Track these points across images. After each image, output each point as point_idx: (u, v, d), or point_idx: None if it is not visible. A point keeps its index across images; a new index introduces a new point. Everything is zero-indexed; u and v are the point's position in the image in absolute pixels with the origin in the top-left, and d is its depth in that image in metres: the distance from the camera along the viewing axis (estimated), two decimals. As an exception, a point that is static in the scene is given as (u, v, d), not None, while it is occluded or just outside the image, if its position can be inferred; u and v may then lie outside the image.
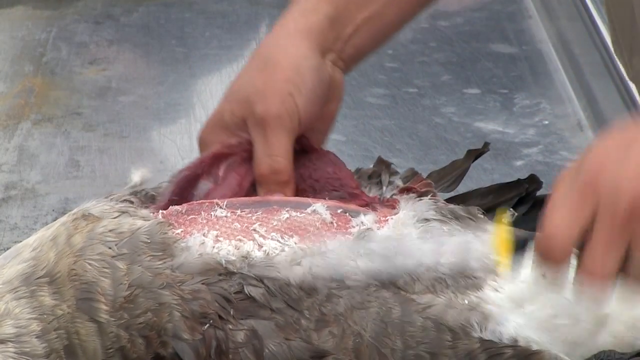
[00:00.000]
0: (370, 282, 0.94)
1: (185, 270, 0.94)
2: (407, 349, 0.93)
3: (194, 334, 0.92)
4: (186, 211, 0.99)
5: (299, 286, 0.93)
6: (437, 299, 0.94)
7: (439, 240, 0.97)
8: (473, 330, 0.93)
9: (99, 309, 0.94)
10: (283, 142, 1.04)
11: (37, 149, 1.73)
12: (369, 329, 0.93)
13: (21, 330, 0.95)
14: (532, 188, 1.10)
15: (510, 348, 0.93)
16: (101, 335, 0.94)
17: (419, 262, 0.95)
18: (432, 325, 0.93)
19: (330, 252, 0.95)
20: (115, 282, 0.94)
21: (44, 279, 0.96)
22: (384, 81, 1.88)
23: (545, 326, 0.95)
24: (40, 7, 2.18)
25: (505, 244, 0.88)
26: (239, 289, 0.93)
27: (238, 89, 1.06)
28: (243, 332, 0.92)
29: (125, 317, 0.93)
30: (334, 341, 0.92)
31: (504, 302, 0.95)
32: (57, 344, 0.95)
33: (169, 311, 0.92)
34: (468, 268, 0.96)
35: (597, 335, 0.95)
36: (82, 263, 0.95)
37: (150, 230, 0.96)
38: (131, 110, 1.84)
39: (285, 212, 0.99)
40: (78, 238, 0.97)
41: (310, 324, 0.93)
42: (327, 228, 0.98)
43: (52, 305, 0.95)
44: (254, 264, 0.94)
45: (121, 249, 0.95)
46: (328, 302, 0.93)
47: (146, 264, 0.94)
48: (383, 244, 0.95)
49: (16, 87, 1.91)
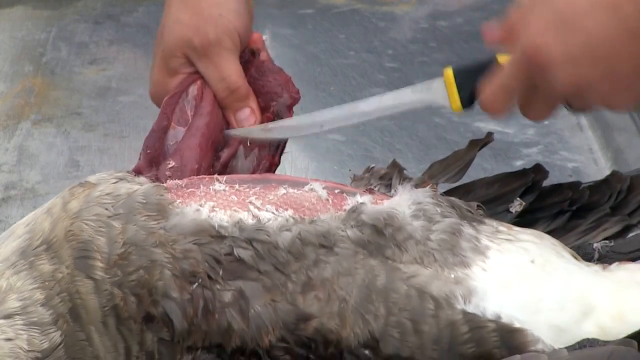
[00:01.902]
0: (359, 250, 0.95)
1: (178, 231, 0.95)
2: (389, 316, 0.94)
3: (183, 293, 0.94)
4: (186, 185, 1.01)
5: (287, 250, 0.95)
6: (423, 270, 0.95)
7: (430, 218, 0.98)
8: (457, 302, 0.94)
9: (95, 266, 0.95)
10: (230, 61, 1.09)
11: (37, 149, 1.73)
12: (354, 294, 0.94)
13: (26, 301, 0.96)
14: (538, 178, 1.11)
15: (493, 322, 0.94)
16: (98, 293, 0.95)
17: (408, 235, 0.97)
18: (415, 294, 0.94)
19: (321, 221, 0.97)
20: (110, 240, 0.95)
21: (41, 248, 0.98)
22: (384, 81, 1.88)
23: (530, 308, 0.96)
24: (40, 7, 2.18)
25: (452, 87, 1.01)
26: (229, 251, 0.95)
27: (170, 33, 1.10)
28: (230, 292, 0.94)
29: (119, 274, 0.95)
30: (319, 305, 0.94)
31: (490, 281, 0.96)
32: (62, 308, 0.96)
33: (160, 269, 0.94)
34: (458, 247, 0.97)
35: (582, 323, 0.96)
36: (79, 224, 0.97)
37: (147, 192, 0.98)
38: (131, 110, 1.84)
39: (282, 189, 1.01)
40: (74, 203, 0.98)
41: (297, 287, 0.94)
42: (322, 204, 1.00)
43: (52, 270, 0.97)
44: (245, 228, 0.96)
45: (117, 210, 0.97)
46: (315, 267, 0.95)
47: (141, 223, 0.96)
48: (374, 215, 0.97)
49: (16, 87, 1.91)
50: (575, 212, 1.10)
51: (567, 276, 0.98)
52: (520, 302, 0.96)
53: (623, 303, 0.97)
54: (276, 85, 1.10)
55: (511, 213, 1.10)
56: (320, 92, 1.85)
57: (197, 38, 1.08)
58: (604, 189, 1.10)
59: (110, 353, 0.96)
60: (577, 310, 0.96)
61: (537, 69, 0.93)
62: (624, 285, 0.98)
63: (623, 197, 1.10)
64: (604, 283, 0.98)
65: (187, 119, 1.08)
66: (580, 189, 1.11)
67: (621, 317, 0.96)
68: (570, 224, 1.09)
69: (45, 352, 0.95)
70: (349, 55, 2.00)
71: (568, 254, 1.01)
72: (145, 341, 0.95)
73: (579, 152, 1.67)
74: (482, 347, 0.93)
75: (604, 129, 1.72)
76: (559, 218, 1.10)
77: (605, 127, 1.72)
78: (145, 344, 0.95)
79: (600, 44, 0.90)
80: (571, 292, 0.97)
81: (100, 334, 0.95)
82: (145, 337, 0.95)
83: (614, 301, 0.97)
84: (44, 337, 0.96)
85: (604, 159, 1.65)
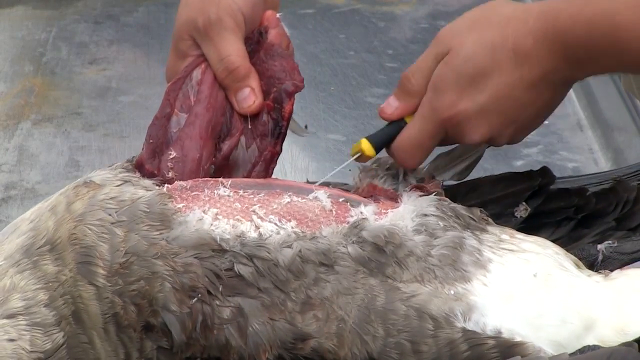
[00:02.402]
0: (359, 269, 0.95)
1: (180, 243, 0.95)
2: (388, 337, 0.93)
3: (182, 307, 0.93)
4: (190, 187, 1.00)
5: (287, 268, 0.94)
6: (423, 288, 0.95)
7: (432, 233, 0.98)
8: (456, 320, 0.94)
9: (97, 272, 0.95)
10: (230, 41, 1.06)
11: (37, 149, 1.73)
12: (353, 315, 0.93)
13: (29, 302, 0.96)
14: (545, 182, 1.10)
15: (493, 339, 0.93)
16: (99, 300, 0.95)
17: (409, 252, 0.96)
18: (414, 314, 0.94)
19: (322, 238, 0.96)
20: (112, 248, 0.95)
21: (45, 247, 0.97)
22: (384, 81, 1.88)
23: (531, 323, 0.95)
24: (40, 7, 2.18)
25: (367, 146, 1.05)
26: (230, 266, 0.94)
27: (179, 16, 1.09)
28: (229, 309, 0.93)
29: (120, 283, 0.94)
30: (318, 325, 0.93)
31: (491, 296, 0.96)
32: (65, 310, 0.96)
33: (161, 281, 0.94)
34: (459, 262, 0.97)
35: (583, 338, 0.95)
36: (82, 227, 0.96)
37: (150, 200, 0.97)
38: (131, 110, 1.84)
39: (287, 197, 1.00)
40: (79, 204, 0.98)
41: (296, 306, 0.94)
42: (325, 215, 0.99)
43: (56, 272, 0.96)
44: (247, 243, 0.95)
45: (120, 217, 0.96)
46: (315, 286, 0.94)
47: (143, 233, 0.95)
48: (375, 232, 0.96)
49: (16, 87, 1.91)
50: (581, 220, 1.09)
51: (569, 290, 0.97)
52: (521, 317, 0.95)
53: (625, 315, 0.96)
54: (280, 71, 1.07)
55: (516, 218, 1.10)
56: (320, 92, 1.85)
57: (200, 18, 1.06)
58: (611, 197, 1.10)
59: (111, 358, 0.96)
60: (579, 325, 0.96)
61: (451, 126, 1.03)
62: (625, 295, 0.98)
63: (629, 208, 1.09)
64: (605, 294, 0.97)
65: (190, 104, 1.06)
66: (587, 195, 1.10)
67: (623, 330, 0.96)
68: (575, 233, 1.09)
69: (48, 352, 0.95)
70: (349, 55, 2.00)
71: (571, 264, 1.00)
72: (145, 348, 0.95)
73: (579, 152, 1.67)
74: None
75: (604, 129, 1.72)
76: (563, 226, 1.10)
77: (605, 127, 1.72)
78: (145, 351, 0.95)
79: (505, 98, 1.02)
80: (573, 306, 0.96)
81: (102, 339, 0.95)
82: (145, 345, 0.95)
83: (615, 314, 0.96)
84: (46, 337, 0.96)
85: (604, 159, 1.65)
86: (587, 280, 0.99)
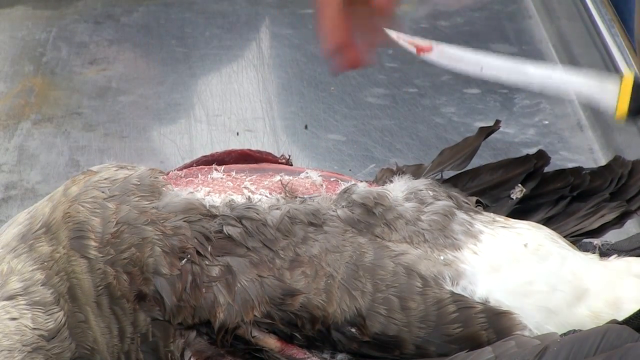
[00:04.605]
0: (348, 229, 0.96)
1: (170, 209, 0.98)
2: (376, 292, 0.95)
3: (172, 269, 0.96)
4: (185, 175, 1.05)
5: (276, 227, 0.96)
6: (412, 250, 0.96)
7: (422, 200, 0.99)
8: (445, 283, 0.95)
9: (89, 245, 0.97)
10: (329, 15, 1.10)
11: (37, 149, 1.73)
12: (341, 271, 0.95)
13: (27, 282, 0.98)
14: (540, 164, 1.11)
15: (481, 304, 0.94)
16: (92, 272, 0.97)
17: (398, 214, 0.97)
18: (403, 271, 0.95)
19: (312, 201, 0.98)
20: (104, 220, 0.98)
21: (40, 231, 1.00)
22: (384, 81, 1.87)
23: (520, 291, 0.96)
24: (40, 7, 2.18)
25: (626, 95, 0.95)
26: (219, 228, 0.97)
27: None
28: (218, 267, 0.96)
29: (112, 252, 0.97)
30: (306, 281, 0.95)
31: (481, 265, 0.97)
32: (62, 287, 0.98)
33: (151, 246, 0.96)
34: (449, 229, 0.98)
35: (574, 307, 0.96)
36: (76, 206, 0.99)
37: (141, 174, 1.01)
38: (131, 110, 1.84)
39: (278, 176, 1.03)
40: (75, 188, 1.01)
41: (284, 264, 0.96)
42: (315, 188, 1.01)
43: (50, 251, 0.99)
44: (236, 207, 0.98)
45: (113, 192, 0.99)
46: (303, 244, 0.96)
47: (134, 203, 0.98)
48: (364, 194, 0.98)
49: (16, 87, 1.91)
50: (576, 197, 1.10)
51: (561, 260, 0.98)
52: (509, 286, 0.96)
53: (619, 290, 0.97)
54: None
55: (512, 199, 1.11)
56: (320, 92, 1.85)
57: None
58: (606, 174, 1.11)
59: (105, 335, 0.97)
60: (570, 294, 0.96)
61: None
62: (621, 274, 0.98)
63: (624, 182, 1.10)
64: (600, 270, 0.98)
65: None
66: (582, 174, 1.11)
67: (616, 304, 0.96)
68: (570, 208, 1.10)
69: (52, 332, 0.97)
70: (349, 55, 2.00)
71: (565, 242, 1.01)
72: (138, 322, 0.96)
73: (579, 152, 1.67)
74: (468, 327, 0.94)
75: (604, 129, 1.72)
76: (559, 204, 1.11)
77: (605, 127, 1.72)
78: (138, 325, 0.96)
79: None
80: (564, 275, 0.97)
81: (95, 314, 0.97)
82: (139, 317, 0.97)
83: (609, 287, 0.97)
84: (48, 316, 0.98)
85: (604, 159, 1.64)
86: (582, 255, 1.00)
